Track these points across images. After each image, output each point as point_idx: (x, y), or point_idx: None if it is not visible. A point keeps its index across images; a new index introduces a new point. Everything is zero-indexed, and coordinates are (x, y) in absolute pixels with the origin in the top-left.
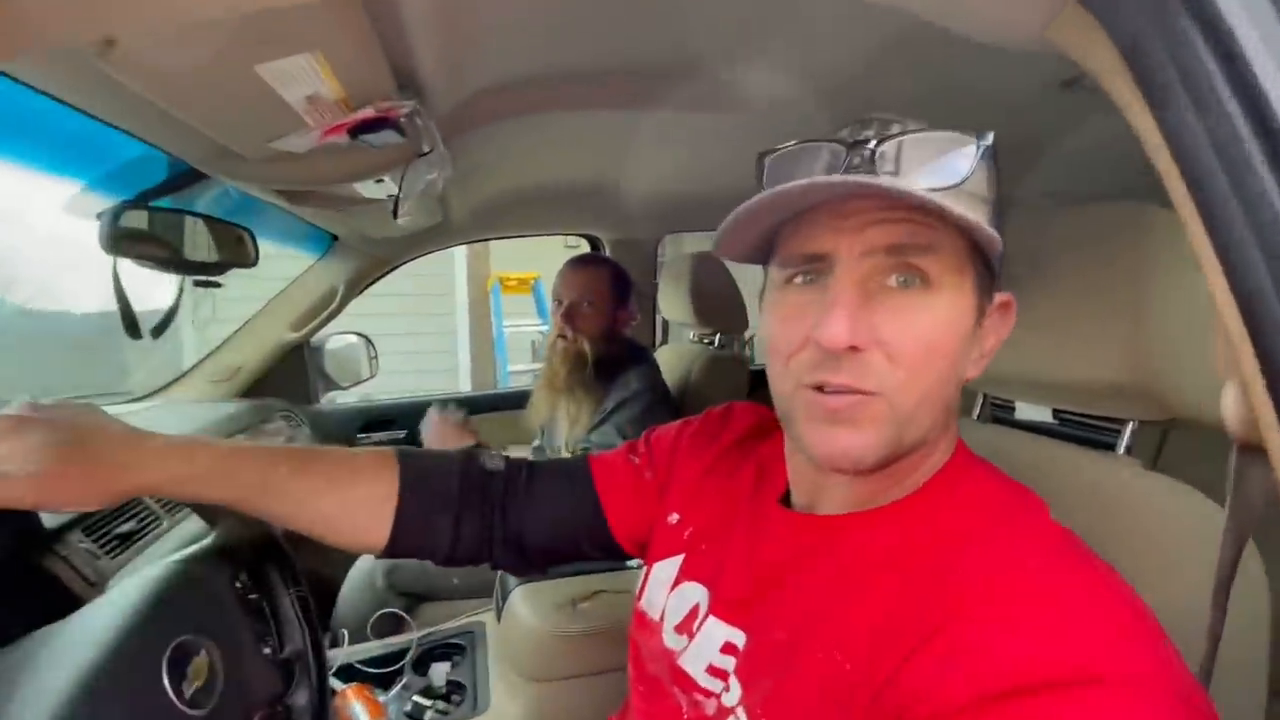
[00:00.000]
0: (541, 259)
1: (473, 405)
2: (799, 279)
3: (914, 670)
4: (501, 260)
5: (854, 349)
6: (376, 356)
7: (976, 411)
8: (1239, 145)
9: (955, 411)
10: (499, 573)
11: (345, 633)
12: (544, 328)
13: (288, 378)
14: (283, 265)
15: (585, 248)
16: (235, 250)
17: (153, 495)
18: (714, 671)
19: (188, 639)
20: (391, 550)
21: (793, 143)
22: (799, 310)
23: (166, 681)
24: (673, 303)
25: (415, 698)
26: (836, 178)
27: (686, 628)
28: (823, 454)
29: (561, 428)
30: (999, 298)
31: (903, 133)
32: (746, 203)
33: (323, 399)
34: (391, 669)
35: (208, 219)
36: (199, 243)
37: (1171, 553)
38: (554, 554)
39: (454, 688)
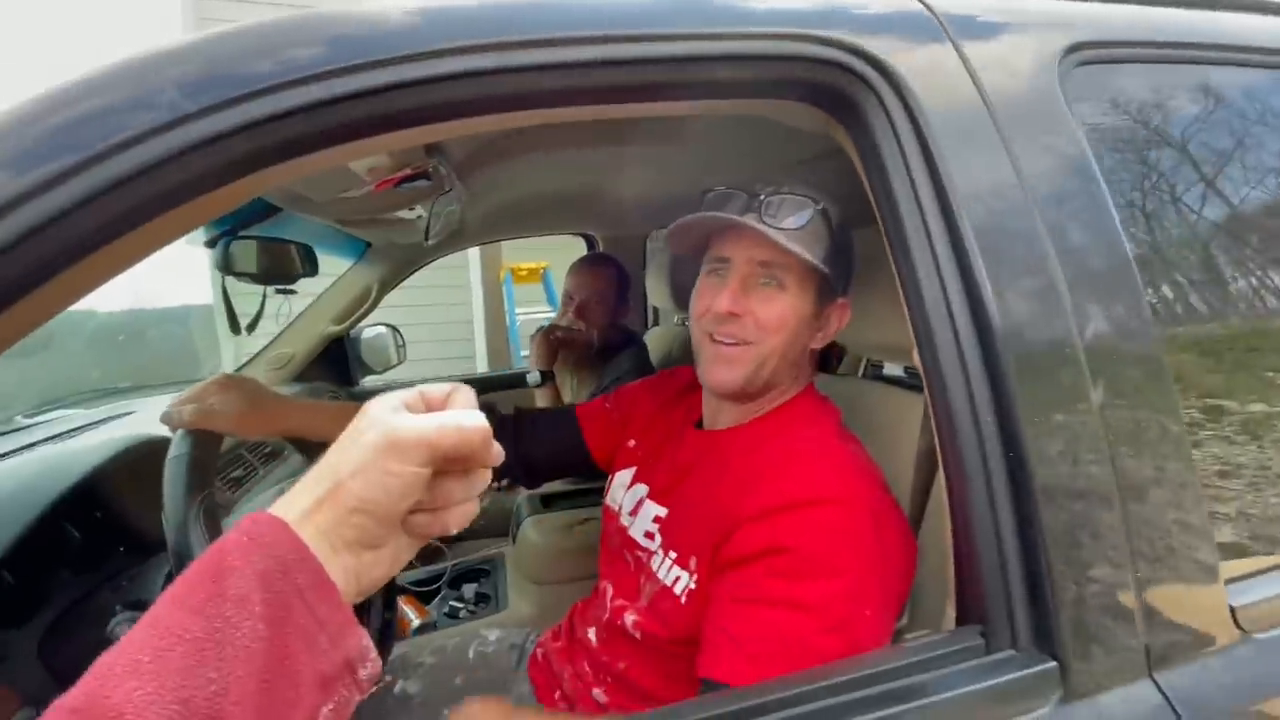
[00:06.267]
0: (550, 249)
1: (490, 384)
2: (713, 273)
3: (739, 510)
4: (512, 252)
5: (735, 315)
6: (404, 344)
7: (860, 370)
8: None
9: (804, 365)
10: (515, 509)
11: None
12: (554, 315)
13: (332, 364)
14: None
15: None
16: (301, 264)
17: (292, 435)
18: (648, 535)
19: None
20: None
21: (722, 187)
22: (710, 290)
23: None
24: (656, 290)
25: (451, 603)
26: (735, 216)
27: (635, 511)
28: (711, 381)
29: (566, 398)
30: (840, 300)
31: (777, 193)
32: (683, 219)
33: (361, 382)
34: (431, 588)
35: (282, 241)
36: (278, 260)
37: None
38: (552, 470)
39: (481, 599)
